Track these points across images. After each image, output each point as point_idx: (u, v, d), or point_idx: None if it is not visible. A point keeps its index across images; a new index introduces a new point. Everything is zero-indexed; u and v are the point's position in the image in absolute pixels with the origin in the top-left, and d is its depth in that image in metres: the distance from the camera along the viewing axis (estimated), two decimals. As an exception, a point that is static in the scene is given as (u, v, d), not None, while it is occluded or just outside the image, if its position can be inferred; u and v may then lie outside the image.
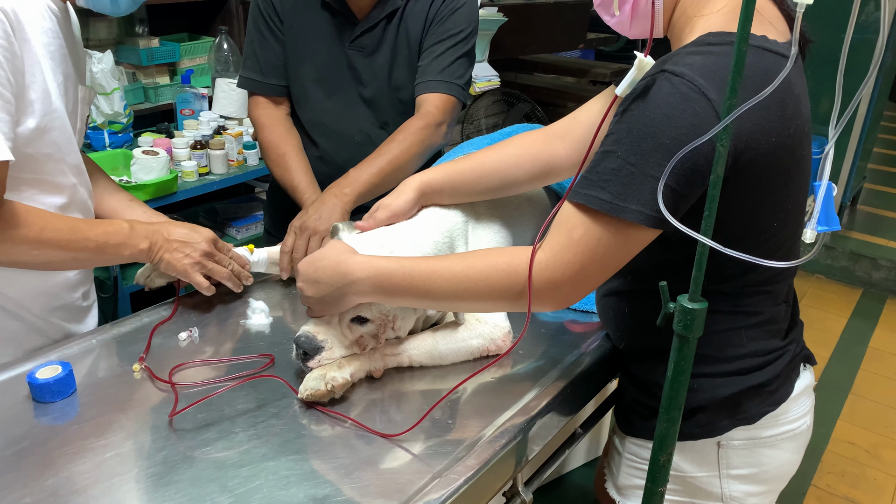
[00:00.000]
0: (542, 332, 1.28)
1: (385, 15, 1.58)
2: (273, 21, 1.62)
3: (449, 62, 1.57)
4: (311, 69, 1.63)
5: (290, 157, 1.59)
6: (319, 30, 1.60)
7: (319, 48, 1.61)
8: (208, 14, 2.91)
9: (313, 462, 0.95)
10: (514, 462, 1.02)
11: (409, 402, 1.08)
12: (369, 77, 1.62)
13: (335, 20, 1.59)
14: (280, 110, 1.68)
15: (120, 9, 1.21)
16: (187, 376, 1.12)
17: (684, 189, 0.87)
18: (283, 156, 1.60)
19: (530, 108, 3.87)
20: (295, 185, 1.56)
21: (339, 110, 1.65)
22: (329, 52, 1.61)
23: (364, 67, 1.62)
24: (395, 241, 1.15)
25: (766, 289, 1.03)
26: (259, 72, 1.65)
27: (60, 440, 0.97)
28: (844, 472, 2.49)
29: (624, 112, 0.89)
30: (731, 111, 0.73)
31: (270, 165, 1.63)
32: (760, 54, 0.87)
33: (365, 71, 1.62)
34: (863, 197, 4.73)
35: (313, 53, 1.62)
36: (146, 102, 2.71)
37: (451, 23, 1.58)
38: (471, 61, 1.62)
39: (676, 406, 0.90)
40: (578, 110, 1.23)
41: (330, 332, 1.08)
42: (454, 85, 1.57)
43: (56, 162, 1.16)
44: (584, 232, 0.91)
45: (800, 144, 0.94)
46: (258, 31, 1.63)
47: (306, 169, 1.59)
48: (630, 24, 1.00)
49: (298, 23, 1.61)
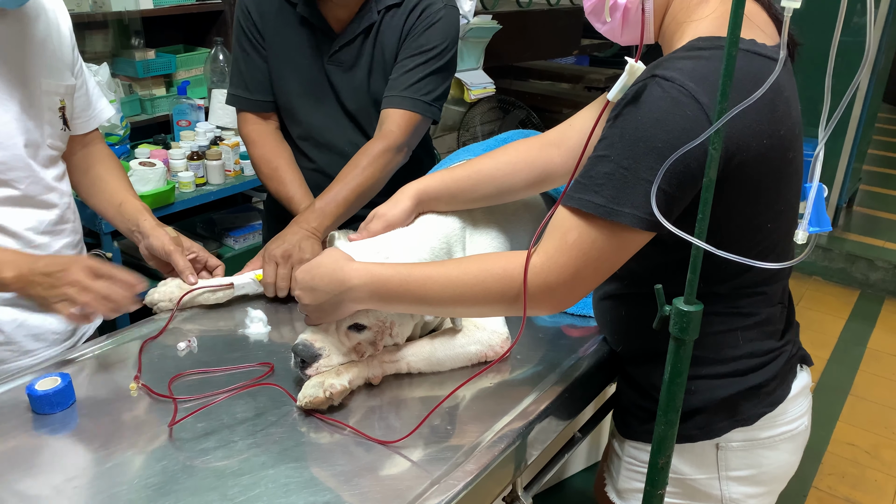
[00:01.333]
0: (540, 336, 1.28)
1: (362, 29, 1.57)
2: (255, 38, 1.62)
3: (418, 78, 1.54)
4: (295, 85, 1.64)
5: (282, 169, 1.60)
6: (299, 46, 1.61)
7: (301, 64, 1.62)
8: (203, 25, 2.92)
9: (313, 469, 0.95)
10: (513, 467, 1.03)
11: (407, 408, 1.08)
12: (349, 92, 1.63)
13: (314, 36, 1.60)
14: (269, 125, 1.69)
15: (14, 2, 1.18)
16: (186, 386, 1.12)
17: (677, 192, 0.88)
18: (275, 169, 1.61)
19: (526, 115, 3.89)
20: (290, 197, 1.57)
21: (325, 124, 1.66)
22: (310, 67, 1.62)
23: (343, 82, 1.62)
24: (392, 248, 1.15)
25: (761, 290, 1.04)
26: (245, 88, 1.66)
27: (56, 450, 0.97)
28: (845, 473, 2.49)
29: (616, 117, 0.90)
30: (722, 115, 0.73)
31: (264, 180, 1.64)
32: (750, 58, 0.88)
33: (344, 86, 1.62)
34: (858, 198, 4.75)
35: (296, 69, 1.63)
36: (142, 114, 2.72)
37: (425, 38, 1.55)
38: (445, 77, 1.60)
39: (674, 408, 0.90)
40: (573, 117, 1.24)
41: (327, 339, 1.08)
42: (420, 102, 1.54)
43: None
44: (579, 235, 0.92)
45: (791, 146, 0.94)
46: (241, 49, 1.64)
47: (300, 180, 1.60)
48: (621, 31, 1.01)
49: (279, 40, 1.61)
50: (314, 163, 1.69)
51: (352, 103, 1.63)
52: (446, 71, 1.60)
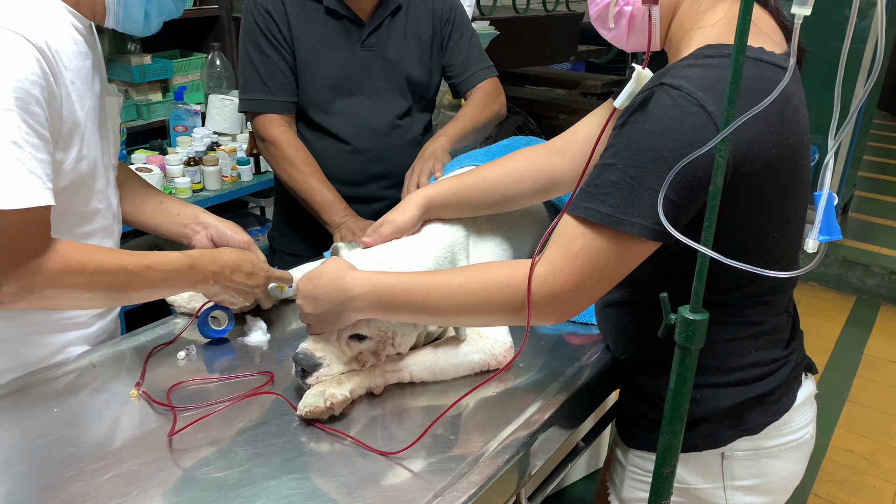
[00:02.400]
0: (542, 344, 1.27)
1: (388, 13, 1.67)
2: (276, 39, 1.63)
3: (477, 50, 1.81)
4: (327, 76, 1.67)
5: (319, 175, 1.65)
6: (329, 37, 1.65)
7: (332, 54, 1.66)
8: (200, 31, 2.91)
9: (315, 480, 0.94)
10: (517, 477, 1.02)
11: (410, 418, 1.07)
12: (382, 75, 1.70)
13: (342, 25, 1.65)
14: (293, 128, 1.71)
15: (150, 29, 1.20)
16: (185, 395, 1.10)
17: (684, 201, 0.87)
18: (315, 172, 1.65)
19: (523, 121, 3.88)
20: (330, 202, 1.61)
21: (361, 109, 1.71)
22: (341, 56, 1.67)
23: (376, 66, 1.69)
24: (395, 257, 1.14)
25: (767, 299, 1.03)
26: (267, 90, 1.66)
27: (57, 462, 0.95)
28: (843, 479, 2.49)
29: (623, 125, 0.89)
30: (729, 122, 0.73)
31: (297, 178, 1.64)
32: (758, 66, 0.88)
33: (377, 69, 1.69)
34: (854, 204, 4.76)
35: (327, 61, 1.67)
36: (139, 119, 2.70)
37: (459, 14, 1.77)
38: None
39: (679, 417, 0.90)
40: (578, 124, 1.23)
41: (328, 348, 1.07)
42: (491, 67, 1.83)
43: (85, 192, 1.15)
44: (584, 244, 0.91)
45: (798, 155, 0.94)
46: (259, 51, 1.64)
47: (332, 187, 1.65)
48: (627, 38, 1.01)
49: (307, 34, 1.65)
50: (351, 145, 1.72)
51: (386, 85, 1.72)
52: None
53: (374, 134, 1.73)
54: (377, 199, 1.76)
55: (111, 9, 1.15)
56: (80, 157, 1.11)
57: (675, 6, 0.97)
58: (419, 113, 1.81)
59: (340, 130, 1.72)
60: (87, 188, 1.16)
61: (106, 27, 1.18)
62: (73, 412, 1.07)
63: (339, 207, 1.60)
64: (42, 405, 1.08)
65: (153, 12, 1.18)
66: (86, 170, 1.13)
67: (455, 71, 1.79)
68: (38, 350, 1.18)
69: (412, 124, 1.79)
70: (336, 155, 1.71)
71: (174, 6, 1.21)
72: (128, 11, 1.16)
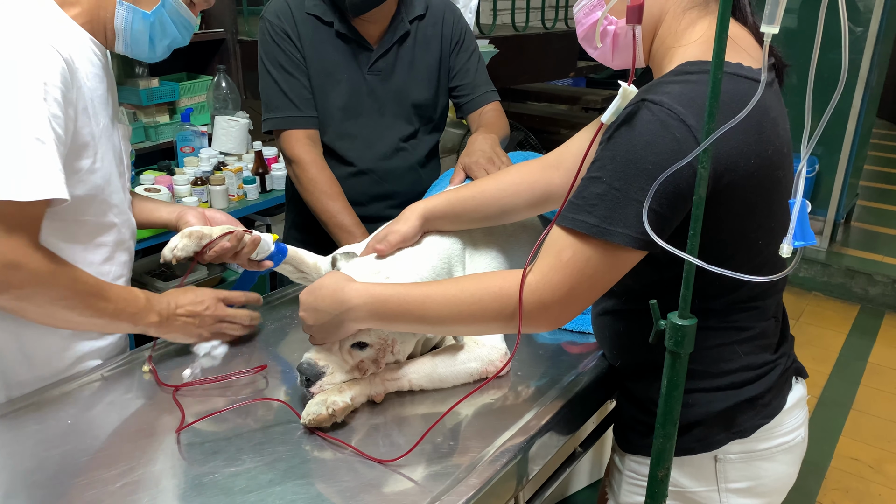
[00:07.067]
0: (541, 353, 1.31)
1: (396, 39, 1.71)
2: (295, 57, 1.69)
3: (483, 73, 1.85)
4: (336, 98, 1.72)
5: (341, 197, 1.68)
6: (338, 60, 1.71)
7: (341, 77, 1.71)
8: (206, 53, 2.97)
9: (318, 486, 0.97)
10: (514, 482, 1.04)
11: (410, 425, 1.10)
12: (389, 99, 1.75)
13: (351, 49, 1.71)
14: (319, 147, 1.74)
15: (156, 55, 1.27)
16: (192, 401, 1.14)
17: (668, 212, 0.91)
18: (338, 195, 1.68)
19: (524, 136, 3.93)
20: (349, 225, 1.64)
21: (366, 132, 1.76)
22: (350, 79, 1.72)
23: (383, 91, 1.74)
24: (392, 268, 1.18)
25: (754, 304, 1.06)
26: (294, 107, 1.70)
27: (71, 471, 0.99)
28: (849, 488, 2.49)
29: (609, 139, 0.93)
30: (709, 134, 0.77)
31: (320, 199, 1.67)
32: (736, 80, 0.92)
33: (384, 94, 1.74)
34: (856, 214, 4.78)
35: (336, 83, 1.72)
36: (147, 141, 2.76)
37: (468, 38, 1.83)
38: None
39: (671, 421, 0.92)
40: (571, 139, 1.27)
41: (331, 357, 1.11)
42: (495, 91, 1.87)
43: (100, 203, 1.21)
44: (573, 254, 0.95)
45: (780, 165, 0.97)
46: (281, 70, 1.69)
47: (352, 212, 1.68)
48: (612, 56, 1.05)
49: (319, 56, 1.70)
50: (355, 166, 1.77)
51: (392, 109, 1.76)
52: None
53: (378, 156, 1.77)
54: (381, 219, 1.77)
55: (120, 34, 1.22)
56: (93, 169, 1.17)
57: (656, 25, 1.01)
58: (426, 135, 1.85)
59: (346, 152, 1.76)
60: (102, 200, 1.21)
61: (115, 53, 1.25)
62: (86, 423, 1.11)
63: (357, 232, 1.63)
64: (56, 417, 1.12)
65: (157, 38, 1.25)
66: (100, 182, 1.19)
67: (462, 92, 1.83)
68: (55, 363, 1.23)
69: (417, 146, 1.82)
70: (341, 176, 1.73)
71: (179, 34, 1.27)
72: (135, 37, 1.23)
